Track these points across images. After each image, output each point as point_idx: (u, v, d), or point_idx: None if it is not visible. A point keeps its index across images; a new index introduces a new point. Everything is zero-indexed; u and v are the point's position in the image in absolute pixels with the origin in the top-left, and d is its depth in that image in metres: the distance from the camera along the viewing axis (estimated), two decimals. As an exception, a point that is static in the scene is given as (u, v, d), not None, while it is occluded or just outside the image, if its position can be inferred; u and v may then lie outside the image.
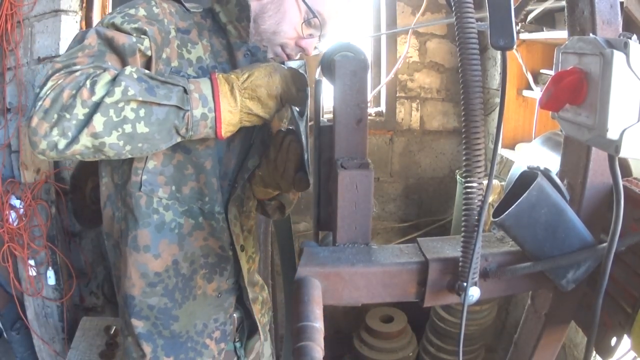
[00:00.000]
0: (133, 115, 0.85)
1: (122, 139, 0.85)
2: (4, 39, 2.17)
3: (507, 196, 0.77)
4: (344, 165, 0.80)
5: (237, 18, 1.06)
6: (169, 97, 0.88)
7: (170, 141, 0.92)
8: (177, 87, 0.89)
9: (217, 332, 1.19)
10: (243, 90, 0.93)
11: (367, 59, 0.84)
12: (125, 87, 0.84)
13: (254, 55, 1.08)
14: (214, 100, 0.91)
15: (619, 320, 0.78)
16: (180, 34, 1.03)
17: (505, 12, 0.61)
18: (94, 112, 0.83)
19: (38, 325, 2.40)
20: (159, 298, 1.11)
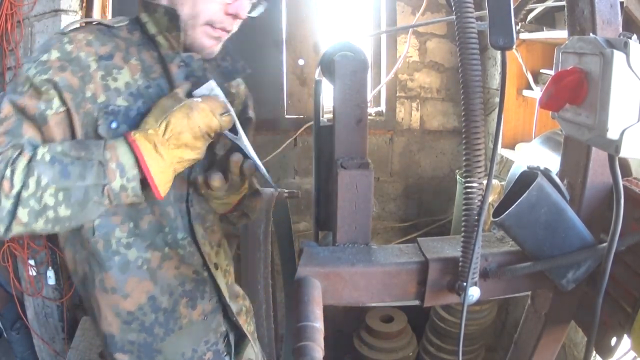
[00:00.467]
0: (53, 200, 0.85)
1: (48, 224, 0.87)
2: (4, 39, 2.17)
3: (507, 196, 0.76)
4: (344, 165, 0.80)
5: (167, 28, 0.99)
6: (83, 176, 0.86)
7: (99, 210, 0.91)
8: (92, 161, 0.87)
9: (209, 354, 1.17)
10: (167, 143, 0.89)
11: (367, 59, 0.84)
12: (38, 177, 0.84)
13: (189, 65, 1.02)
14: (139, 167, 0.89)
15: (619, 320, 0.78)
16: (103, 62, 0.96)
17: (504, 11, 0.61)
18: (17, 205, 0.84)
19: (38, 325, 2.40)
20: (137, 334, 1.09)
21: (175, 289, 1.09)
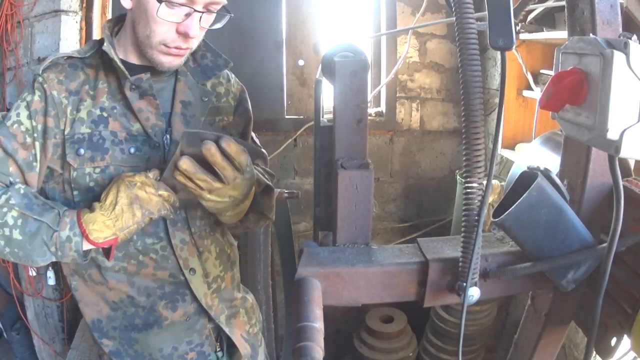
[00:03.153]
0: (12, 221, 0.95)
1: (2, 240, 0.95)
2: (4, 39, 2.17)
3: (507, 196, 0.77)
4: (344, 165, 0.80)
5: (110, 59, 1.03)
6: (42, 214, 0.97)
7: (44, 257, 0.98)
8: (54, 210, 0.98)
9: (192, 354, 1.20)
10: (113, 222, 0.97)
11: (367, 60, 0.84)
12: (9, 197, 0.96)
13: (139, 87, 1.04)
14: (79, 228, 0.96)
15: (619, 320, 0.78)
16: (72, 97, 1.04)
17: (504, 12, 0.61)
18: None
19: (38, 325, 2.40)
20: (120, 320, 1.16)
21: (153, 291, 1.14)
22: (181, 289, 1.16)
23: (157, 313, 1.15)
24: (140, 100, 1.06)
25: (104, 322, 1.17)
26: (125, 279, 1.12)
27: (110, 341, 1.18)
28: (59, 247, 0.96)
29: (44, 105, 1.02)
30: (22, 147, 1.01)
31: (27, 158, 1.01)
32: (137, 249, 1.10)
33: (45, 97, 1.02)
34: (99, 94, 1.06)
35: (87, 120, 1.05)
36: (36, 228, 0.96)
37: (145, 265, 1.12)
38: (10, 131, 1.00)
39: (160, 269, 1.13)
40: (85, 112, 1.05)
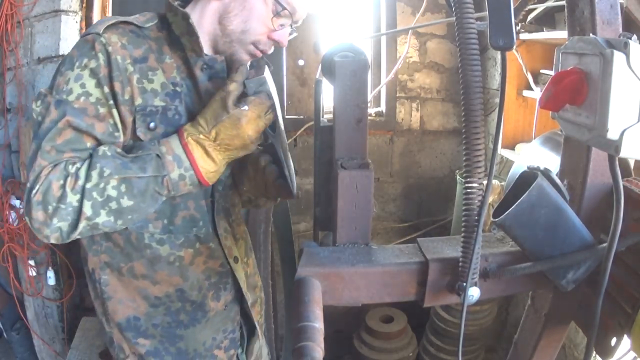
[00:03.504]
0: (115, 192, 0.89)
1: (111, 216, 0.90)
2: (4, 39, 2.17)
3: (507, 196, 0.76)
4: (344, 165, 0.80)
5: (188, 32, 1.00)
6: (144, 168, 0.91)
7: (156, 204, 0.95)
8: (150, 155, 0.92)
9: (225, 341, 1.20)
10: (218, 147, 0.95)
11: (367, 59, 0.84)
12: (100, 169, 0.88)
13: (212, 68, 1.03)
14: (189, 162, 0.94)
15: (619, 320, 0.78)
16: (137, 66, 0.97)
17: (505, 12, 0.61)
18: (83, 198, 0.87)
19: (38, 325, 2.40)
20: (162, 317, 1.11)
21: (202, 284, 1.12)
22: (224, 278, 1.16)
23: (206, 307, 1.13)
24: (209, 82, 1.04)
25: (142, 320, 1.11)
26: (179, 272, 1.08)
27: (147, 340, 1.12)
28: (172, 188, 0.94)
29: (109, 70, 0.94)
30: (98, 120, 0.93)
31: (106, 130, 0.94)
32: (199, 235, 1.08)
33: (109, 62, 0.94)
34: (167, 68, 1.01)
35: (161, 92, 0.99)
36: (144, 185, 0.91)
37: (200, 253, 1.09)
38: (76, 106, 0.91)
39: (212, 258, 1.12)
40: (159, 83, 0.99)
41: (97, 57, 0.93)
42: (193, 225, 1.07)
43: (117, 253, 1.06)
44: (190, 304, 1.12)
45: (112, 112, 0.94)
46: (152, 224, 1.04)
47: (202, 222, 1.08)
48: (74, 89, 0.92)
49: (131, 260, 1.06)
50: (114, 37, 0.96)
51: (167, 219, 1.05)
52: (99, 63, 0.93)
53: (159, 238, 1.05)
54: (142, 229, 1.04)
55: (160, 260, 1.06)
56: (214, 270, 1.13)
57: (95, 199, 0.88)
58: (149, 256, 1.06)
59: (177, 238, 1.06)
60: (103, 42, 0.94)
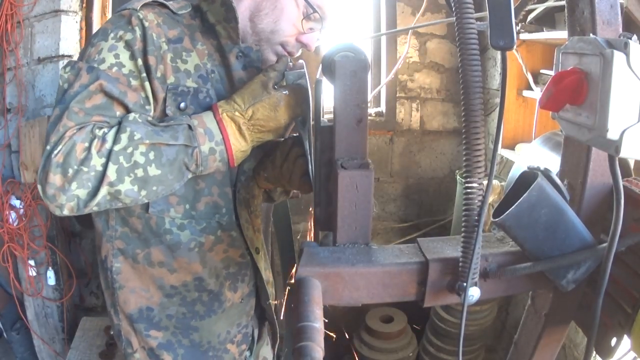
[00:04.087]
0: (143, 159, 0.85)
1: (135, 184, 0.85)
2: (4, 39, 2.17)
3: (507, 196, 0.76)
4: (344, 165, 0.80)
5: (225, 18, 1.00)
6: (175, 137, 0.88)
7: (182, 179, 0.92)
8: (182, 125, 0.89)
9: (239, 336, 1.19)
10: (252, 127, 0.94)
11: (367, 59, 0.84)
12: (131, 133, 0.85)
13: (247, 56, 1.03)
14: (222, 136, 0.91)
15: (619, 320, 0.78)
16: (172, 45, 0.98)
17: (505, 12, 0.61)
18: (109, 161, 0.83)
19: (38, 325, 2.40)
20: (176, 308, 1.09)
21: (220, 272, 1.10)
22: (243, 270, 1.14)
23: (223, 297, 1.11)
24: (243, 70, 1.03)
25: (155, 311, 1.08)
26: (199, 259, 1.06)
27: (160, 332, 1.10)
28: (201, 162, 0.91)
29: (144, 44, 0.93)
30: (131, 90, 0.91)
31: (138, 101, 0.92)
32: (221, 222, 1.07)
33: (145, 36, 0.93)
34: (200, 54, 1.01)
35: (194, 73, 0.99)
36: (174, 154, 0.88)
37: (221, 241, 1.08)
38: (110, 75, 0.90)
39: (233, 247, 1.10)
40: (193, 65, 0.99)
41: (134, 30, 0.93)
42: (216, 211, 1.06)
43: (133, 239, 1.04)
44: (207, 293, 1.10)
45: (144, 85, 0.93)
46: (174, 208, 1.02)
47: (225, 209, 1.07)
48: (107, 59, 0.91)
49: (148, 246, 1.04)
50: (150, 14, 0.96)
51: (190, 203, 1.03)
52: (134, 36, 0.92)
53: (180, 223, 1.03)
54: (162, 213, 1.02)
55: (179, 247, 1.04)
56: (233, 260, 1.11)
57: (121, 164, 0.83)
58: (168, 242, 1.03)
59: (198, 224, 1.04)
60: (140, 17, 0.94)
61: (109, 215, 1.05)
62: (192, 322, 1.11)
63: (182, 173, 0.91)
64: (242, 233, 1.11)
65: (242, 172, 1.10)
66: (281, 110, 0.94)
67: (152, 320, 1.09)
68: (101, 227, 1.07)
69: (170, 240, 1.03)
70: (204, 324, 1.11)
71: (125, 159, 0.84)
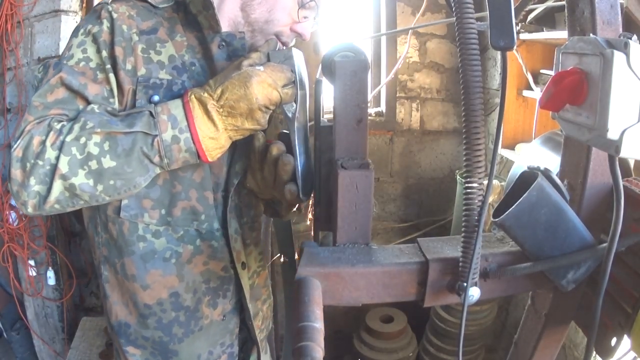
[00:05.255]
0: (97, 150, 0.80)
1: (90, 177, 0.80)
2: (4, 39, 2.17)
3: (507, 196, 0.76)
4: (344, 165, 0.80)
5: (204, 6, 0.95)
6: (132, 124, 0.82)
7: (147, 173, 0.85)
8: (142, 112, 0.84)
9: (223, 356, 1.11)
10: (221, 109, 0.85)
11: (367, 59, 0.84)
12: (84, 122, 0.81)
13: (230, 44, 0.97)
14: (187, 122, 0.84)
15: (619, 320, 0.78)
16: (144, 37, 0.94)
17: (505, 12, 0.61)
18: (61, 153, 0.79)
19: (38, 325, 2.40)
20: (152, 331, 1.03)
21: (199, 287, 1.03)
22: (225, 285, 1.07)
23: (199, 313, 1.04)
24: (227, 61, 0.97)
25: (132, 328, 1.03)
26: (175, 271, 0.99)
27: (138, 350, 1.04)
28: (165, 153, 0.83)
29: (112, 36, 0.90)
30: (93, 83, 0.88)
31: (100, 93, 0.88)
32: (200, 230, 0.99)
33: (113, 28, 0.90)
34: (177, 45, 0.97)
35: (168, 65, 0.94)
36: (130, 143, 0.81)
37: (200, 252, 1.00)
38: (76, 69, 0.88)
39: (214, 260, 1.02)
40: (167, 55, 0.95)
41: (101, 22, 0.91)
42: (194, 218, 0.99)
43: (112, 247, 0.99)
44: (184, 311, 1.03)
45: (109, 77, 0.90)
46: (148, 213, 0.96)
47: (205, 216, 0.99)
48: (75, 54, 0.90)
49: (122, 256, 0.98)
50: (122, 7, 0.94)
51: (165, 208, 0.96)
52: (101, 28, 0.90)
53: (155, 230, 0.97)
54: (135, 218, 0.96)
55: (153, 257, 0.97)
56: (214, 274, 1.04)
57: (73, 155, 0.79)
58: (141, 251, 0.97)
59: (175, 231, 0.98)
60: (109, 9, 0.92)
61: (96, 221, 1.02)
62: (171, 345, 1.04)
63: (145, 166, 0.84)
64: (229, 244, 1.03)
65: (233, 174, 1.01)
66: (252, 87, 0.83)
67: (129, 337, 1.04)
68: (92, 232, 1.04)
69: (143, 249, 0.97)
70: (182, 346, 1.05)
71: (78, 150, 0.79)
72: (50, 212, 0.84)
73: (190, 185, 0.97)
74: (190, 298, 1.03)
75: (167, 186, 0.96)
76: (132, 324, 1.03)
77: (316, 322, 0.64)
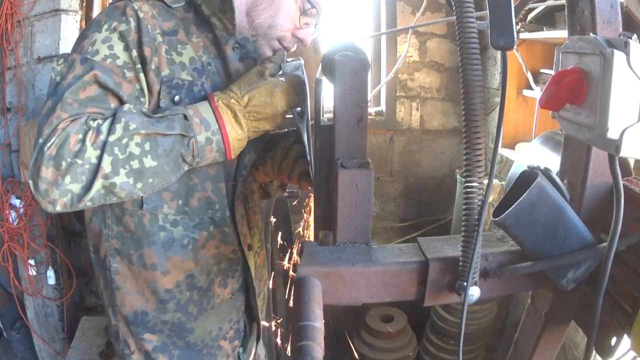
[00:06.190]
0: (138, 150, 0.84)
1: (131, 176, 0.84)
2: (4, 39, 2.17)
3: (507, 196, 0.76)
4: (344, 164, 0.80)
5: (221, 10, 0.99)
6: (172, 127, 0.87)
7: (179, 171, 0.91)
8: (177, 115, 0.88)
9: (231, 332, 1.19)
10: (247, 114, 0.93)
11: (367, 59, 0.84)
12: (125, 123, 0.83)
13: (243, 47, 1.02)
14: (218, 125, 0.91)
15: (619, 320, 0.78)
16: (167, 37, 0.97)
17: (505, 11, 0.61)
18: (103, 153, 0.81)
19: (38, 325, 2.40)
20: (172, 314, 1.08)
21: (211, 268, 1.10)
22: (234, 266, 1.13)
23: (211, 293, 1.10)
24: (240, 62, 1.02)
25: (150, 315, 1.08)
26: (192, 256, 1.05)
27: (155, 336, 1.09)
28: (198, 153, 0.90)
29: (139, 35, 0.92)
30: (125, 81, 0.90)
31: (132, 93, 0.91)
32: (213, 218, 1.06)
33: (139, 27, 0.92)
34: (195, 46, 1.00)
35: (189, 66, 0.98)
36: (170, 144, 0.87)
37: (213, 237, 1.07)
38: (105, 66, 0.89)
39: (225, 244, 1.09)
40: (188, 57, 0.99)
41: (128, 21, 0.92)
42: (209, 207, 1.05)
43: (127, 239, 1.03)
44: (197, 291, 1.09)
45: (139, 76, 0.92)
46: (167, 204, 1.01)
47: (219, 205, 1.06)
48: (100, 50, 0.89)
49: (141, 247, 1.02)
50: (145, 6, 0.96)
51: (183, 199, 1.02)
52: (129, 27, 0.91)
53: (173, 219, 1.02)
54: (156, 210, 1.01)
55: (173, 244, 1.03)
56: (224, 256, 1.10)
57: (116, 155, 0.82)
58: (162, 240, 1.02)
59: (191, 220, 1.04)
60: (135, 8, 0.93)
61: (105, 214, 1.04)
62: (188, 324, 1.10)
63: (179, 164, 0.90)
64: (236, 229, 1.10)
65: (242, 165, 1.08)
66: (277, 96, 0.93)
67: (147, 325, 1.09)
68: (99, 225, 1.06)
69: (164, 238, 1.02)
70: (197, 324, 1.11)
71: (121, 150, 0.82)
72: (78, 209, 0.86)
73: (205, 177, 1.03)
74: (204, 279, 1.09)
75: (185, 179, 1.00)
76: (149, 311, 1.08)
77: (316, 321, 0.64)
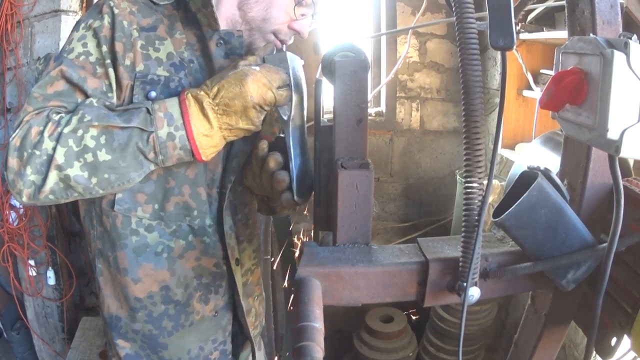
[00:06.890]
0: (93, 142, 0.82)
1: (85, 170, 0.82)
2: (4, 39, 2.17)
3: (507, 196, 0.76)
4: (344, 165, 0.80)
5: (203, 4, 0.96)
6: (129, 120, 0.84)
7: (141, 168, 0.87)
8: (139, 109, 0.86)
9: (215, 353, 1.12)
10: (216, 107, 0.87)
11: (367, 59, 0.84)
12: (81, 115, 0.83)
13: (228, 42, 0.98)
14: (183, 120, 0.86)
15: (619, 320, 0.78)
16: (144, 33, 0.95)
17: (505, 12, 0.61)
18: (58, 144, 0.81)
19: (38, 325, 2.40)
20: (142, 324, 1.04)
21: (190, 282, 1.04)
22: (217, 281, 1.07)
23: (189, 308, 1.05)
24: (225, 59, 0.98)
25: (122, 322, 1.04)
26: (166, 265, 1.00)
27: (128, 343, 1.06)
28: (160, 150, 0.85)
29: (112, 31, 0.92)
30: (93, 77, 0.90)
31: (99, 87, 0.90)
32: (192, 226, 1.01)
33: (114, 24, 0.92)
34: (176, 42, 0.98)
35: (166, 62, 0.96)
36: (126, 138, 0.83)
37: (192, 247, 1.02)
38: (76, 63, 0.90)
39: (206, 255, 1.03)
40: (166, 53, 0.96)
41: (103, 17, 0.92)
42: (186, 214, 1.00)
43: (106, 240, 1.01)
44: (173, 305, 1.04)
45: (108, 72, 0.91)
46: (141, 207, 0.97)
47: (197, 212, 1.00)
48: (75, 48, 0.91)
49: (115, 249, 0.99)
50: (123, 3, 0.96)
51: (159, 203, 0.98)
52: (102, 23, 0.92)
53: (148, 224, 0.98)
54: (129, 212, 0.97)
55: (145, 250, 0.99)
56: (206, 270, 1.05)
57: (70, 147, 0.81)
58: (134, 245, 0.98)
59: (168, 226, 0.99)
60: (111, 5, 0.94)
61: (91, 214, 1.03)
62: (160, 339, 1.05)
63: (139, 162, 0.86)
64: (223, 241, 1.04)
65: (230, 170, 1.02)
66: (247, 85, 0.85)
67: (120, 331, 1.06)
68: (87, 226, 1.05)
69: (136, 242, 0.98)
70: (172, 339, 1.06)
71: (75, 142, 0.81)
72: (45, 203, 0.86)
73: (183, 181, 0.99)
74: (181, 293, 1.04)
75: (161, 181, 0.97)
76: (122, 317, 1.05)
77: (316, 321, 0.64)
